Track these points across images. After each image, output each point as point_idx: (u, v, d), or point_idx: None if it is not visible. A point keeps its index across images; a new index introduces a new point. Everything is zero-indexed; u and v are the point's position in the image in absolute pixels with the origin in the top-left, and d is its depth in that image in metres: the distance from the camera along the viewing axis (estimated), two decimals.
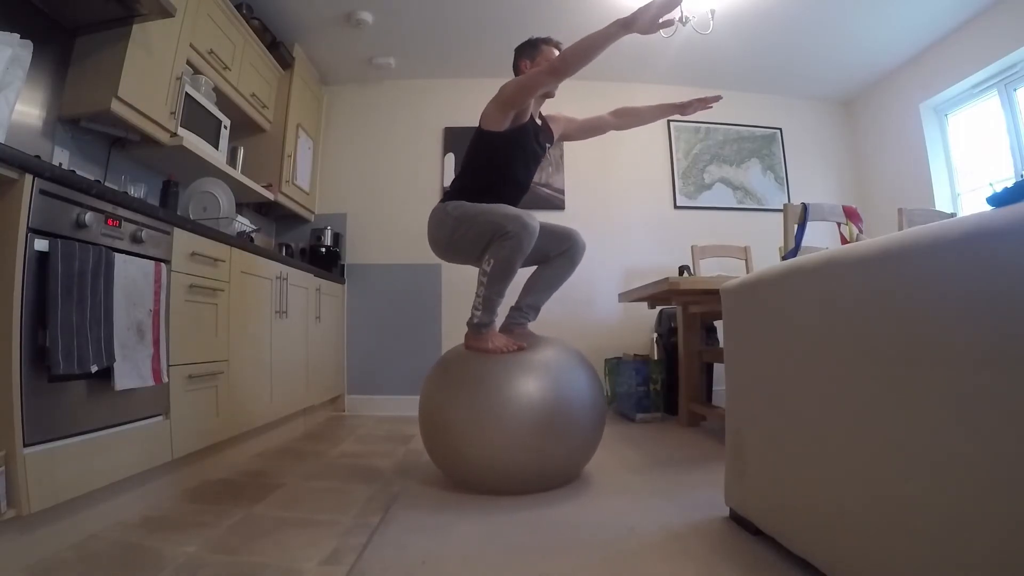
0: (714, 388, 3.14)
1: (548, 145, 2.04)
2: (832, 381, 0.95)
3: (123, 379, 1.39)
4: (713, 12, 2.89)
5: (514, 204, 1.87)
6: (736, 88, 3.97)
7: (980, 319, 0.68)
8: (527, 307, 1.94)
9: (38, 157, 1.23)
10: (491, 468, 1.62)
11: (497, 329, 1.83)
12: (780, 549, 1.12)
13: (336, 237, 3.51)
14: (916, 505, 0.76)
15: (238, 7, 2.69)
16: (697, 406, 2.74)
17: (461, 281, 3.51)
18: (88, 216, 1.32)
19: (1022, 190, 0.72)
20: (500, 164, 1.88)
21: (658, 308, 3.36)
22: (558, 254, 1.96)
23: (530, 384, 1.61)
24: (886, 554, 0.81)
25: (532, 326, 1.97)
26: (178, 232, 1.72)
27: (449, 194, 1.91)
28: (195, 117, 2.32)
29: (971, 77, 3.10)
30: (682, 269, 3.29)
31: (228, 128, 2.60)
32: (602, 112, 2.19)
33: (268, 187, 3.02)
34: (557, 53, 1.87)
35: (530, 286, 1.98)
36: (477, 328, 1.76)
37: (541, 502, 1.55)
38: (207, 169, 2.47)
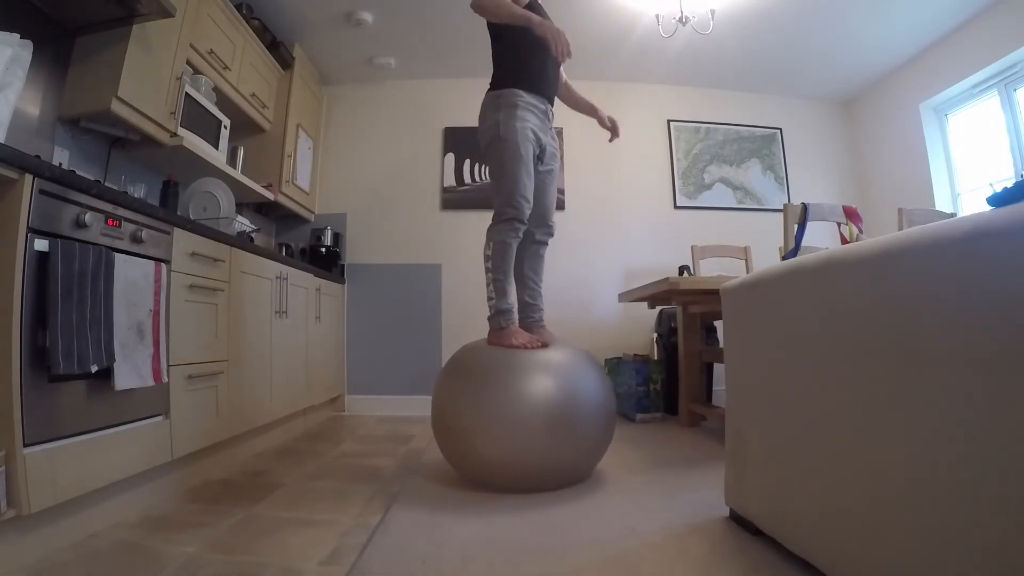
0: (714, 388, 3.14)
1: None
2: (832, 381, 0.95)
3: (123, 379, 1.39)
4: (713, 12, 2.89)
5: (551, 68, 2.00)
6: (736, 88, 3.97)
7: (980, 319, 0.68)
8: (529, 297, 2.06)
9: (38, 157, 1.23)
10: (504, 467, 1.62)
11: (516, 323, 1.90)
12: (780, 549, 1.12)
13: (336, 237, 3.51)
14: (916, 505, 0.76)
15: (238, 7, 2.69)
16: (697, 406, 2.74)
17: (461, 281, 3.52)
18: (88, 216, 1.32)
19: (1022, 190, 0.72)
20: (529, 35, 1.93)
21: (658, 308, 3.36)
22: (525, 235, 1.99)
23: (545, 383, 1.62)
24: (886, 554, 0.81)
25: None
26: (178, 232, 1.72)
27: (494, 81, 1.98)
28: (195, 117, 2.32)
29: (971, 77, 3.10)
30: (682, 269, 3.29)
31: (228, 128, 2.60)
32: (597, 111, 2.29)
33: (268, 187, 3.02)
34: None
35: (519, 280, 2.07)
36: (497, 320, 1.83)
37: (541, 502, 1.55)
38: (207, 169, 2.47)
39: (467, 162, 3.73)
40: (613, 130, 2.23)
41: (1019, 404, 0.63)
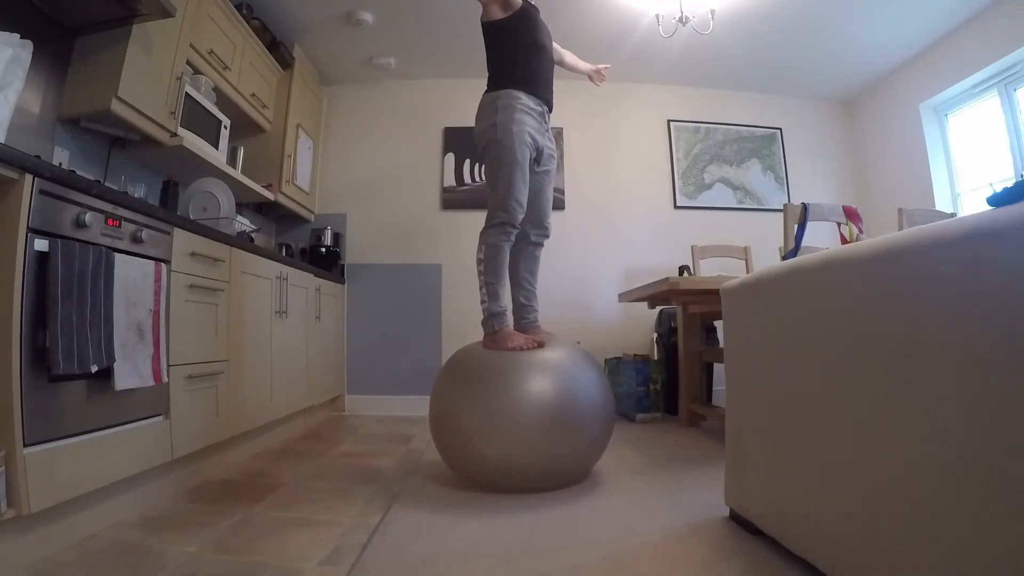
0: (714, 388, 3.13)
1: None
2: (832, 381, 0.95)
3: (123, 379, 1.39)
4: (713, 12, 2.89)
5: (547, 69, 2.02)
6: (736, 88, 3.97)
7: (980, 319, 0.68)
8: (524, 299, 2.06)
9: (38, 157, 1.23)
10: (501, 467, 1.62)
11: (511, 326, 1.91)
12: (780, 549, 1.12)
13: (336, 237, 3.52)
14: (916, 505, 0.76)
15: (238, 7, 2.69)
16: (697, 406, 2.74)
17: (461, 281, 3.52)
18: (88, 216, 1.32)
19: (1022, 190, 0.72)
20: (524, 36, 1.98)
21: (658, 308, 3.35)
22: (520, 237, 2.02)
23: (542, 384, 1.62)
24: (886, 554, 0.81)
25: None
26: (178, 232, 1.72)
27: (491, 83, 1.98)
28: (195, 117, 2.32)
29: (971, 77, 3.09)
30: (682, 269, 3.29)
31: (228, 128, 2.60)
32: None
33: (268, 187, 3.02)
34: None
35: (514, 281, 2.09)
36: (491, 324, 1.84)
37: (541, 502, 1.55)
38: (207, 169, 2.47)
39: (467, 162, 3.73)
40: (597, 75, 2.40)
41: (1019, 404, 0.63)
